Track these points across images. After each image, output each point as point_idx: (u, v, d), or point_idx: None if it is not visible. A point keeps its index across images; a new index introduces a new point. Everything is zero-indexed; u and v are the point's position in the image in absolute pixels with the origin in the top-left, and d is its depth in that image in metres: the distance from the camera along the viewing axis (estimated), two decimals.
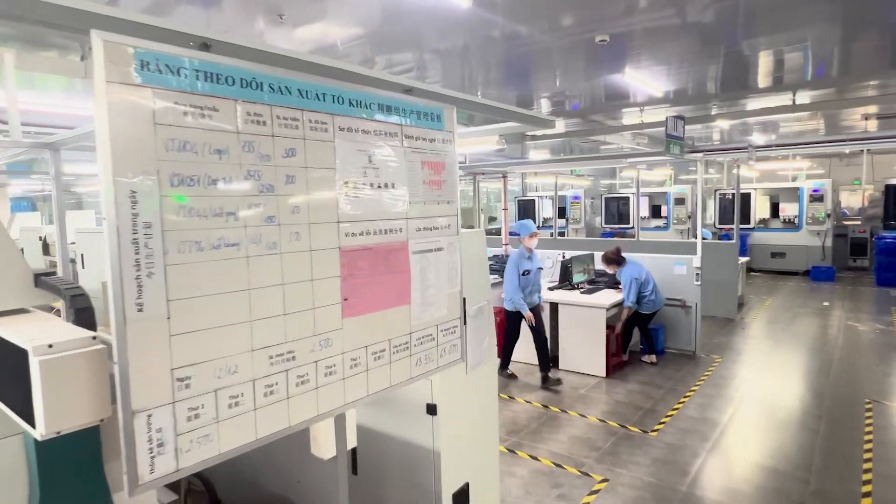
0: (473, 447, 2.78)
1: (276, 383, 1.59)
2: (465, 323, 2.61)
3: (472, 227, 13.71)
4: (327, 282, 1.72)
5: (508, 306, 5.69)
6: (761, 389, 5.54)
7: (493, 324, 2.90)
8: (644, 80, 6.15)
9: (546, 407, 5.15)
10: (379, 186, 1.88)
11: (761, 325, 8.20)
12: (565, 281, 6.70)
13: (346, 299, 1.77)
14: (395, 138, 1.94)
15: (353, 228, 1.79)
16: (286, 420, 1.62)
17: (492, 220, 20.94)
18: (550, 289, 6.71)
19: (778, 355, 6.74)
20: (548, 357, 5.78)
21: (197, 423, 1.41)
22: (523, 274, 5.58)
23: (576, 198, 15.24)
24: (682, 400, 5.24)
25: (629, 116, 9.14)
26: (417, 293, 2.07)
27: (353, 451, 2.81)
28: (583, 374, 6.02)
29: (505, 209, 8.27)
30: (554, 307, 6.23)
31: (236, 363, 1.48)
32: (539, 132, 10.23)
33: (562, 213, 16.16)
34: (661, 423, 4.71)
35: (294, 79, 1.62)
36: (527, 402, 5.29)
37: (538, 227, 15.74)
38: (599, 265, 7.06)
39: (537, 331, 5.68)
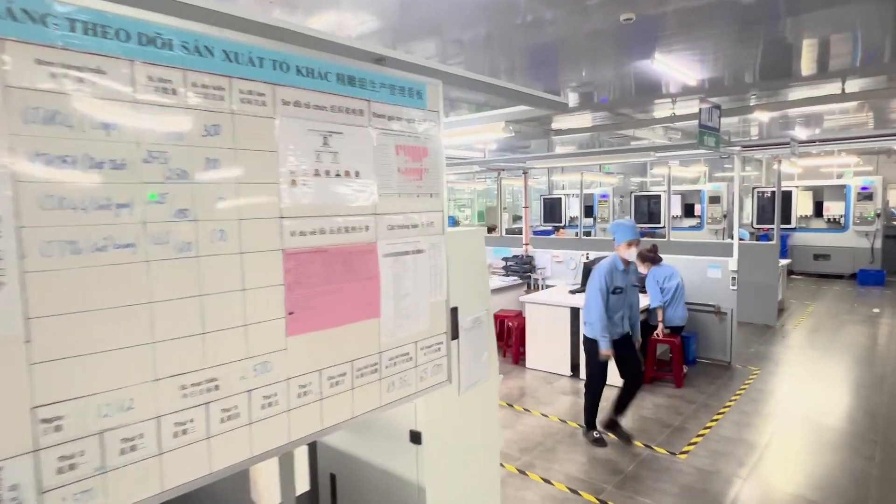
0: (468, 482, 2.42)
1: (192, 420, 1.26)
2: (455, 337, 2.26)
3: (494, 227, 13.33)
4: (265, 292, 1.40)
5: (588, 332, 4.35)
6: (805, 407, 5.02)
7: (493, 336, 2.54)
8: (675, 66, 5.67)
9: (564, 422, 4.75)
10: (338, 174, 1.54)
11: (804, 334, 7.59)
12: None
13: (291, 313, 1.44)
14: (359, 116, 1.60)
15: (301, 226, 1.46)
16: (207, 465, 1.29)
17: (517, 219, 20.53)
18: (572, 292, 6.28)
19: (823, 367, 6.17)
20: (627, 401, 4.45)
21: (72, 476, 1.09)
22: (613, 292, 4.26)
23: (604, 196, 14.68)
24: (716, 417, 4.77)
25: (661, 109, 8.63)
26: (389, 304, 1.72)
27: (333, 478, 2.49)
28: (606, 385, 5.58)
29: (526, 207, 7.87)
30: (575, 312, 5.81)
31: (131, 397, 1.17)
32: (565, 126, 9.80)
33: (589, 211, 15.63)
34: (691, 445, 4.26)
35: (218, 37, 1.29)
36: (543, 415, 4.90)
37: (562, 226, 15.25)
38: None
39: (628, 369, 4.41)
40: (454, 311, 2.11)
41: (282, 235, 1.41)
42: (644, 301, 5.62)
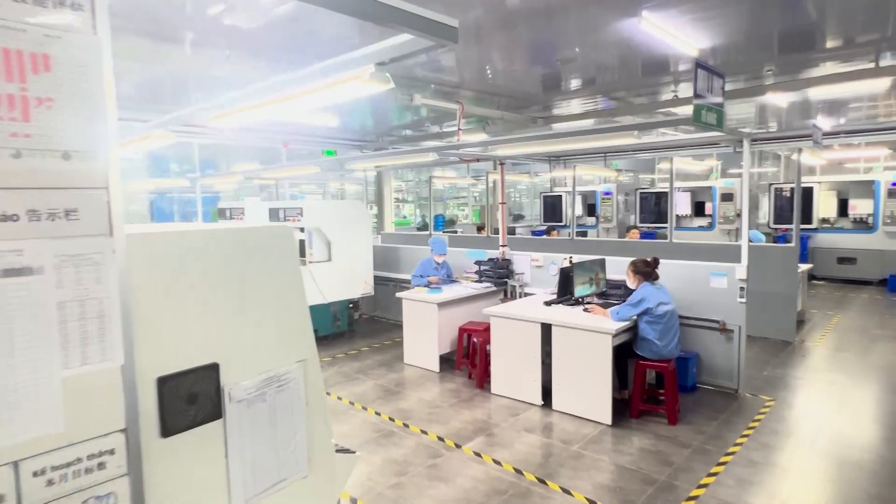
0: None
1: None
2: (222, 415, 1.31)
3: (482, 226, 12.31)
4: None
5: None
6: (834, 451, 3.96)
7: (321, 402, 1.56)
8: (667, 29, 4.63)
9: (519, 474, 3.74)
10: None
11: (827, 352, 6.48)
12: (566, 293, 5.25)
13: None
14: None
15: None
16: None
17: (518, 218, 19.45)
18: (547, 303, 5.27)
19: (853, 396, 5.08)
20: None
21: None
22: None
23: (607, 193, 13.56)
24: (716, 469, 3.73)
25: (664, 94, 7.57)
26: None
27: None
28: (580, 418, 4.58)
29: (503, 203, 6.85)
30: (546, 330, 4.80)
31: None
32: (556, 112, 8.77)
33: (591, 210, 14.55)
34: None
35: None
36: (495, 462, 3.91)
37: (562, 226, 14.17)
38: (612, 274, 5.57)
39: None
40: (169, 381, 1.15)
41: None
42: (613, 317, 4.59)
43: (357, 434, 4.40)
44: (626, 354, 4.79)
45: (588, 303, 5.18)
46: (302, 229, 7.06)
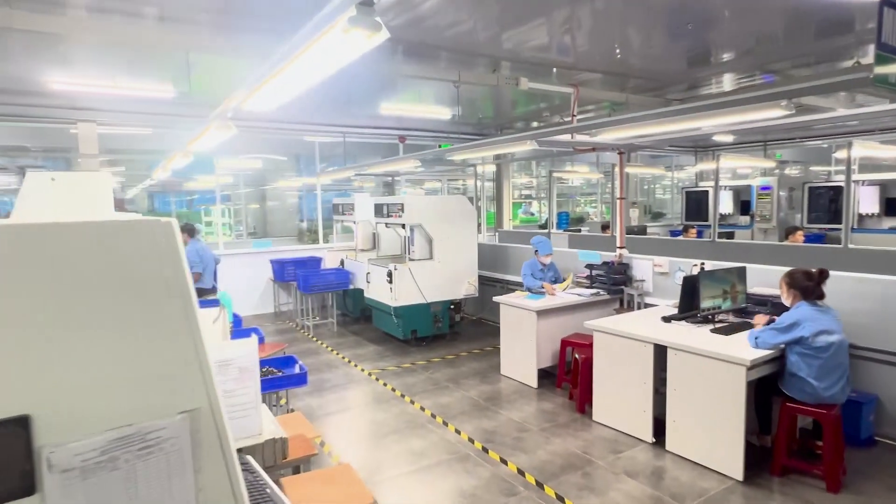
0: None
1: None
2: (35, 491, 0.91)
3: (607, 225, 11.17)
4: None
5: None
6: None
7: (228, 471, 1.11)
8: None
9: None
10: None
11: None
12: (689, 308, 4.28)
13: None
14: None
15: None
16: None
17: (657, 216, 17.62)
18: (666, 319, 4.35)
19: None
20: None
21: None
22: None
23: (765, 188, 11.56)
24: None
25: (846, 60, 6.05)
26: None
27: None
28: (701, 466, 3.65)
29: (621, 198, 5.93)
30: (661, 352, 3.92)
31: None
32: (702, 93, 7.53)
33: (745, 207, 12.57)
34: None
35: None
36: None
37: (706, 226, 12.45)
38: (757, 287, 4.47)
39: None
40: None
41: None
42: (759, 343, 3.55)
43: (429, 454, 3.97)
44: (771, 389, 3.74)
45: (721, 321, 4.18)
46: (403, 226, 6.83)
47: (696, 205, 13.29)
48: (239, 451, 2.15)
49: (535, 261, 5.99)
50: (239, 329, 5.06)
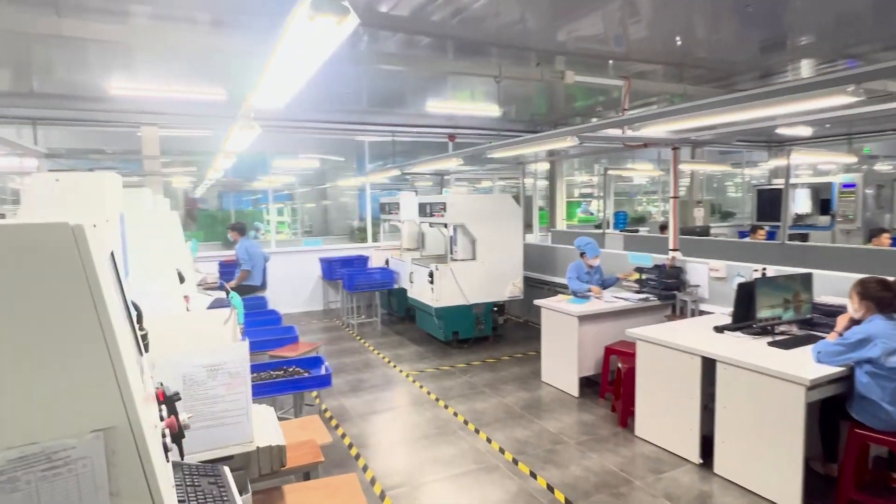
0: None
1: None
2: None
3: (665, 225, 10.54)
4: None
5: None
6: None
7: (150, 495, 1.02)
8: None
9: None
10: None
11: None
12: (745, 318, 3.89)
13: None
14: None
15: None
16: None
17: (727, 215, 16.54)
18: (718, 329, 3.98)
19: None
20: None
21: None
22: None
23: (848, 185, 10.56)
24: None
25: None
26: None
27: None
28: (753, 494, 3.29)
29: (675, 197, 5.52)
30: (710, 365, 3.58)
31: None
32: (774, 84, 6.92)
33: (825, 207, 11.55)
34: None
35: None
36: None
37: (778, 226, 11.56)
38: (826, 296, 4.01)
39: None
40: None
41: None
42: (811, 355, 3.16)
43: (457, 463, 3.82)
44: (839, 412, 3.32)
45: (780, 333, 3.77)
46: (445, 225, 6.71)
47: (769, 204, 12.31)
48: (229, 458, 2.11)
49: (581, 263, 5.70)
50: (277, 326, 5.14)
